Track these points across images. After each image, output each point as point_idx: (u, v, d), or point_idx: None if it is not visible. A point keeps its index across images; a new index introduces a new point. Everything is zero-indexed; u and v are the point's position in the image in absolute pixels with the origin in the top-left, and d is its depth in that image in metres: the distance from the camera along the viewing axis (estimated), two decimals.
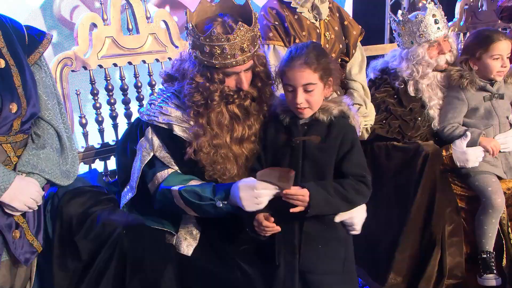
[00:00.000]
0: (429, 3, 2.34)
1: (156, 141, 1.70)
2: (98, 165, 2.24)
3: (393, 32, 2.51)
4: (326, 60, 1.65)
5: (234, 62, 1.59)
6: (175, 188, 1.63)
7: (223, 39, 1.54)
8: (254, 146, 1.72)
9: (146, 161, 1.70)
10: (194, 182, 1.66)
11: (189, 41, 1.62)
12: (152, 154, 1.69)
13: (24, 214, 1.54)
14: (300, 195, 1.58)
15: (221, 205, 1.59)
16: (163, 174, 1.68)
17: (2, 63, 1.44)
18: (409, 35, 2.38)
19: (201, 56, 1.58)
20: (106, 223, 1.60)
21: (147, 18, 2.32)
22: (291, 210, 1.59)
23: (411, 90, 2.41)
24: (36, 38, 1.56)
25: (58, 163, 1.58)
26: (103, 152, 2.23)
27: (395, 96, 2.43)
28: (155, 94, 1.81)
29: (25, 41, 1.53)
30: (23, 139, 1.54)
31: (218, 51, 1.55)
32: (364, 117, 2.34)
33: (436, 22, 2.33)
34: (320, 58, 1.63)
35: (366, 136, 2.40)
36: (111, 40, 2.22)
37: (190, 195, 1.61)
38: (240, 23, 1.54)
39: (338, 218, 1.71)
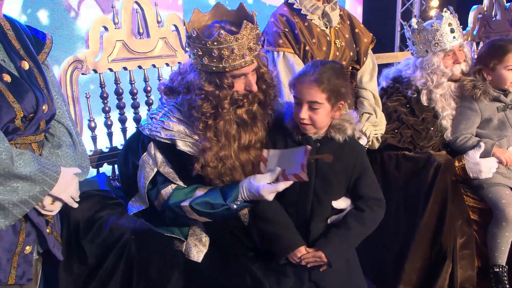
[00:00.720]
0: (445, 12, 2.34)
1: (160, 157, 1.69)
2: (106, 169, 2.25)
3: (407, 40, 2.51)
4: (339, 83, 1.63)
5: (243, 63, 1.58)
6: (185, 203, 1.63)
7: (231, 40, 1.53)
8: (261, 152, 1.72)
9: (151, 178, 1.69)
10: (200, 191, 1.67)
11: (193, 50, 1.60)
12: (155, 170, 1.69)
13: None
14: (317, 257, 1.64)
15: (235, 206, 1.61)
16: (167, 191, 1.68)
17: (26, 65, 1.45)
18: (424, 43, 2.38)
19: (208, 62, 1.57)
20: (114, 227, 1.61)
21: (158, 22, 2.35)
22: (309, 264, 1.66)
23: (424, 99, 2.41)
24: (40, 38, 1.58)
25: (75, 159, 1.59)
26: (112, 156, 2.25)
27: (408, 105, 2.43)
28: (156, 107, 1.79)
29: (32, 41, 1.55)
30: (43, 138, 1.56)
31: (227, 53, 1.55)
32: (374, 126, 2.33)
33: (452, 31, 2.33)
34: (332, 79, 1.62)
35: (376, 145, 2.39)
36: (122, 44, 2.24)
37: (202, 207, 1.62)
38: (245, 22, 1.55)
39: (335, 204, 1.74)
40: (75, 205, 1.54)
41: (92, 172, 2.14)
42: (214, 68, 1.58)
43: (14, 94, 1.39)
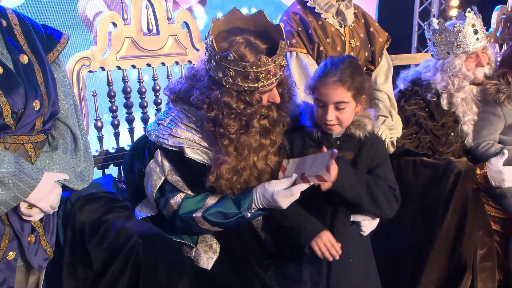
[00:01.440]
0: (468, 12, 2.33)
1: (167, 165, 1.69)
2: (113, 171, 2.26)
3: (428, 41, 2.50)
4: (361, 79, 1.67)
5: (274, 80, 1.60)
6: (198, 214, 1.64)
7: (270, 63, 1.54)
8: (279, 158, 1.74)
9: (158, 186, 1.70)
10: (211, 200, 1.67)
11: (223, 70, 1.56)
12: (163, 178, 1.70)
13: (41, 218, 1.55)
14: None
15: (249, 215, 1.62)
16: (176, 200, 1.68)
17: (25, 58, 1.47)
18: (446, 45, 2.37)
19: (241, 83, 1.56)
20: (120, 231, 1.62)
21: (168, 18, 2.36)
22: (321, 185, 1.60)
23: (444, 103, 2.40)
24: (54, 36, 1.59)
25: (72, 165, 1.59)
26: (118, 157, 2.26)
27: (427, 109, 2.42)
28: (163, 112, 1.80)
29: (43, 39, 1.56)
30: (43, 140, 1.56)
31: (263, 75, 1.55)
32: (390, 130, 2.33)
33: (475, 32, 2.32)
34: (355, 76, 1.64)
35: (391, 150, 2.39)
36: (131, 41, 2.25)
37: (215, 217, 1.63)
38: (281, 42, 1.55)
39: (353, 217, 1.73)
40: (51, 212, 1.53)
41: (98, 173, 2.16)
42: (246, 88, 1.57)
43: (2, 87, 1.39)
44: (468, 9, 2.35)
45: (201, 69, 1.67)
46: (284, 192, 1.59)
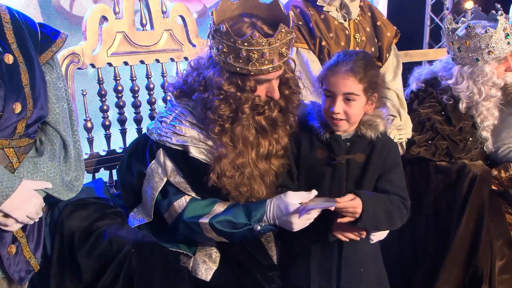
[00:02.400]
0: (500, 15, 2.30)
1: (170, 165, 1.70)
2: (104, 175, 2.28)
3: (449, 44, 2.44)
4: (374, 73, 1.68)
5: (271, 68, 1.60)
6: (205, 220, 1.64)
7: (264, 43, 1.54)
8: (284, 161, 1.74)
9: (160, 188, 1.71)
10: (219, 207, 1.68)
11: (217, 44, 1.60)
12: (165, 179, 1.70)
13: (24, 227, 1.55)
14: (351, 206, 1.61)
15: (258, 227, 1.62)
16: (180, 203, 1.69)
17: (10, 58, 1.48)
18: (474, 51, 2.34)
19: (233, 61, 1.58)
20: (113, 239, 1.63)
21: (163, 12, 2.38)
22: (339, 220, 1.63)
23: (462, 107, 2.39)
24: (50, 36, 1.60)
25: (59, 172, 1.60)
26: (109, 160, 2.27)
27: (443, 113, 2.43)
28: (165, 109, 1.81)
29: (37, 39, 1.57)
30: (28, 144, 1.56)
31: (256, 56, 1.55)
32: (398, 130, 2.34)
33: (507, 36, 2.30)
34: (368, 69, 1.66)
35: (401, 152, 2.40)
36: (123, 36, 2.27)
37: (223, 225, 1.63)
38: (281, 25, 1.56)
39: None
40: (31, 222, 1.54)
41: (88, 177, 2.18)
42: (238, 69, 1.59)
43: None
44: (500, 12, 2.31)
45: (206, 54, 1.70)
46: (299, 220, 1.58)
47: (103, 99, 2.27)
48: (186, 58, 2.45)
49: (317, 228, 1.65)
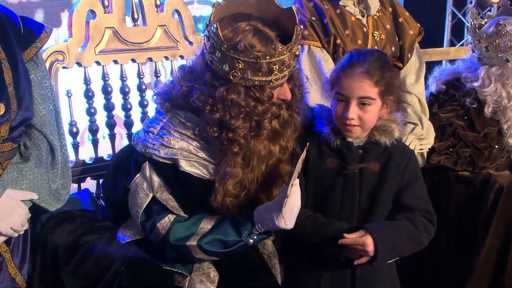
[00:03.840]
0: None
1: (157, 180, 1.70)
2: (90, 185, 2.30)
3: (476, 43, 2.46)
4: (392, 75, 1.71)
5: (287, 72, 1.62)
6: (192, 243, 1.65)
7: (285, 51, 1.57)
8: (291, 167, 1.75)
9: (145, 205, 1.71)
10: (206, 224, 1.69)
11: (229, 62, 1.57)
12: (151, 195, 1.71)
13: (8, 241, 1.57)
14: (360, 244, 1.62)
15: (251, 240, 1.64)
16: (163, 224, 1.69)
17: None
18: (504, 51, 2.37)
19: (252, 76, 1.58)
20: (101, 256, 1.64)
21: (157, 6, 2.40)
22: (356, 262, 1.65)
23: (488, 111, 2.41)
24: (33, 30, 1.63)
25: (46, 180, 1.61)
26: (97, 168, 2.28)
27: (465, 117, 2.45)
28: (152, 118, 1.80)
29: (20, 33, 1.60)
30: (12, 149, 1.58)
31: (277, 67, 1.58)
32: (419, 140, 2.36)
33: None
34: (385, 70, 1.68)
35: (421, 163, 2.41)
36: (112, 32, 2.30)
37: (213, 246, 1.65)
38: (297, 25, 1.58)
39: None
40: (15, 235, 1.55)
41: (73, 187, 2.19)
42: (257, 82, 1.59)
43: None
44: None
45: (199, 64, 1.69)
46: (285, 212, 1.59)
47: (90, 101, 2.29)
48: (181, 57, 2.47)
49: (328, 251, 1.68)
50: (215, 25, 1.56)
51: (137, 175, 1.72)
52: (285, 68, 1.60)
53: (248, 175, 1.68)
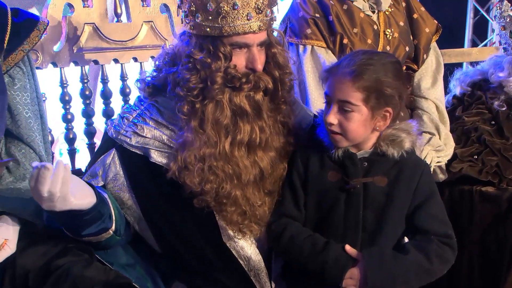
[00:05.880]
0: None
1: (113, 170, 1.78)
2: None
3: (501, 29, 2.50)
4: (387, 82, 1.65)
5: (247, 27, 1.65)
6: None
7: None
8: (283, 165, 1.79)
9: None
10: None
11: (185, 6, 1.69)
12: (101, 184, 1.77)
13: None
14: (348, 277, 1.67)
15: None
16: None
17: None
18: None
19: (202, 19, 1.65)
20: (78, 281, 1.62)
21: (142, 0, 2.42)
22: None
23: None
24: (22, 29, 1.61)
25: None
26: None
27: (493, 122, 2.46)
28: (130, 104, 1.90)
29: (5, 32, 1.58)
30: None
31: (226, 8, 1.62)
32: (437, 152, 2.37)
33: None
34: (376, 75, 1.64)
35: (441, 177, 2.42)
36: (92, 28, 2.31)
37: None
38: None
39: None
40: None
41: None
42: (208, 29, 1.65)
43: None
44: None
45: (180, 45, 1.76)
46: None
47: (67, 106, 2.29)
48: None
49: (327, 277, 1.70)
50: None
51: (98, 160, 1.80)
52: (239, 17, 1.63)
53: (205, 147, 1.69)
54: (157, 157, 1.74)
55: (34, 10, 2.18)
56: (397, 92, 1.68)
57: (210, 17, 1.64)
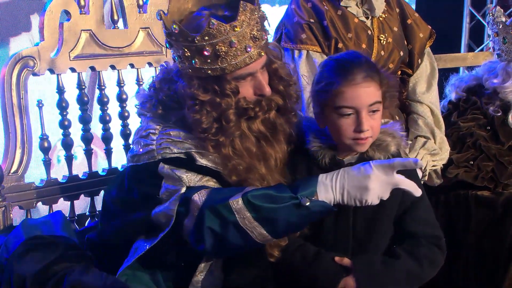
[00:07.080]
0: None
1: (182, 172, 1.69)
2: (63, 206, 2.29)
3: (493, 35, 2.52)
4: (384, 73, 1.73)
5: (248, 58, 1.63)
6: (236, 198, 1.59)
7: (227, 30, 1.58)
8: (283, 177, 1.78)
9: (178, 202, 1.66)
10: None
11: (177, 51, 1.67)
12: (184, 188, 1.67)
13: None
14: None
15: (308, 203, 1.56)
16: (200, 195, 1.63)
17: None
18: None
19: (200, 65, 1.63)
20: (75, 287, 1.64)
21: (139, 6, 2.43)
22: None
23: None
24: None
25: None
26: (70, 188, 2.28)
27: (488, 127, 2.48)
28: (141, 126, 1.82)
29: None
30: None
31: (224, 49, 1.59)
32: (432, 155, 2.39)
33: None
34: (377, 68, 1.71)
35: (436, 181, 2.44)
36: (89, 35, 2.31)
37: (260, 200, 1.58)
38: (242, 2, 1.58)
39: None
40: None
41: (44, 209, 2.19)
42: (209, 71, 1.63)
43: None
44: None
45: (180, 85, 1.73)
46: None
47: (64, 112, 2.29)
48: (167, 63, 2.49)
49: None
50: (160, 12, 1.67)
51: (163, 181, 1.70)
52: (239, 52, 1.62)
53: (248, 174, 1.69)
54: (200, 159, 1.69)
55: (35, 17, 2.18)
56: (391, 78, 1.78)
57: (209, 60, 1.62)
